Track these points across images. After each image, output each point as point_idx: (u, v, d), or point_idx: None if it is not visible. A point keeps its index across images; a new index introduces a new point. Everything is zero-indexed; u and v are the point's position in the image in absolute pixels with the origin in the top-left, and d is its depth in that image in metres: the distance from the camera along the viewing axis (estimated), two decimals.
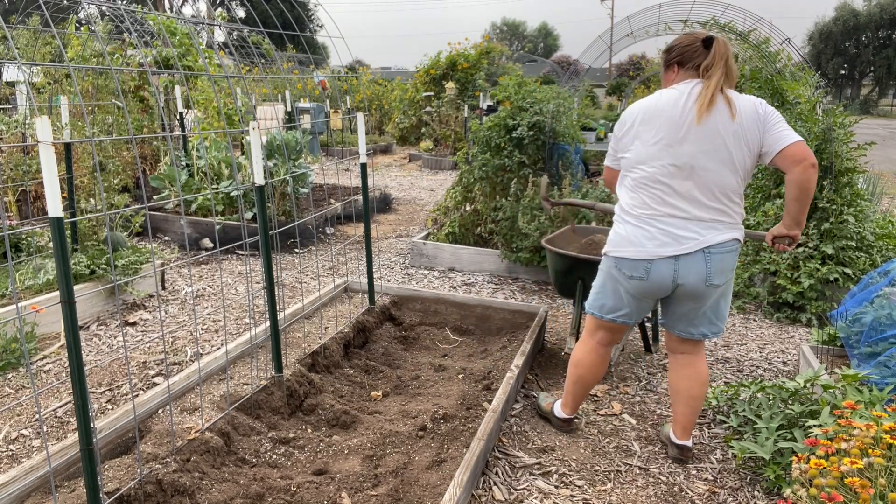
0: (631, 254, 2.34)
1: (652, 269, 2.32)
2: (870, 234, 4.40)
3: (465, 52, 14.33)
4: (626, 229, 2.37)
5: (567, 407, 2.79)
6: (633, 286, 2.39)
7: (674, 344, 2.60)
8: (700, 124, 2.22)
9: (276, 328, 2.75)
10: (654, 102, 2.33)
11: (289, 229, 5.56)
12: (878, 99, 48.29)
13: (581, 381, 2.68)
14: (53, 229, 1.63)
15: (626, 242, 2.36)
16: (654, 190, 2.30)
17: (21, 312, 3.35)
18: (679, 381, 2.58)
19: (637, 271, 2.35)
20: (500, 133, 5.12)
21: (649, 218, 2.31)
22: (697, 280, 2.31)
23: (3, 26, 1.74)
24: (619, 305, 2.48)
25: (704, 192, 2.26)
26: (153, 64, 8.02)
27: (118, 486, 2.04)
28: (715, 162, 2.24)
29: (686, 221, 2.28)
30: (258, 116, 6.93)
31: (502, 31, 68.38)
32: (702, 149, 2.23)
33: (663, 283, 2.34)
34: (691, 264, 2.29)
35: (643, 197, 2.33)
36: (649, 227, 2.31)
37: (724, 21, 7.72)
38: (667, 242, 2.28)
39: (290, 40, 23.56)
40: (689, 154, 2.23)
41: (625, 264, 2.37)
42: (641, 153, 2.32)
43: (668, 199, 2.28)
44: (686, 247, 2.27)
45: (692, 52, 2.34)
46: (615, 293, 2.47)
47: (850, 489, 1.61)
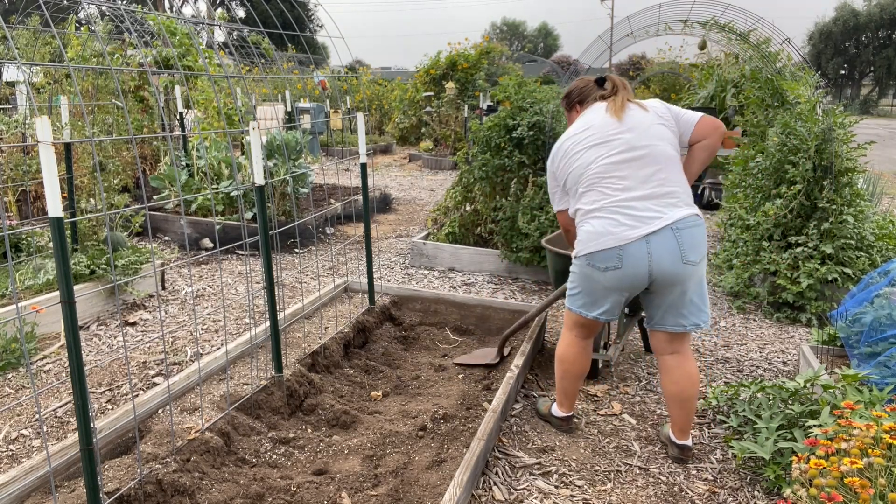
0: (602, 244, 2.38)
1: (625, 255, 2.35)
2: (870, 234, 4.40)
3: (465, 52, 14.33)
4: (591, 224, 2.43)
5: (563, 405, 2.80)
6: (609, 278, 2.41)
7: (662, 345, 2.58)
8: (622, 120, 2.47)
9: (276, 328, 2.75)
10: (573, 128, 2.59)
11: (289, 229, 5.56)
12: (878, 99, 48.27)
13: (567, 376, 2.71)
14: (53, 229, 1.63)
15: (595, 236, 2.40)
16: (606, 181, 2.41)
17: (21, 312, 3.35)
18: (671, 385, 2.57)
19: (611, 261, 2.38)
20: (500, 133, 5.12)
21: (610, 207, 2.39)
22: (673, 259, 2.34)
23: (3, 26, 1.74)
24: (598, 303, 2.51)
25: (651, 169, 2.40)
26: (153, 64, 8.02)
27: (118, 486, 2.04)
28: (651, 138, 2.44)
29: (645, 201, 2.37)
30: (258, 116, 6.93)
31: (502, 31, 68.38)
32: (634, 133, 2.45)
33: (638, 270, 2.36)
34: (663, 242, 2.34)
35: (598, 192, 2.43)
36: (612, 216, 2.38)
37: (724, 21, 7.72)
38: (634, 225, 2.34)
39: (290, 40, 23.56)
40: (626, 139, 2.44)
41: (597, 258, 2.40)
42: (582, 161, 2.48)
43: (622, 182, 2.40)
44: (652, 225, 2.33)
45: (588, 90, 2.67)
46: (592, 292, 2.50)
47: (850, 489, 1.61)
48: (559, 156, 2.58)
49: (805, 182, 4.40)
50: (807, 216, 4.46)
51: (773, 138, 4.89)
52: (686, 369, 2.55)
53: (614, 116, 2.48)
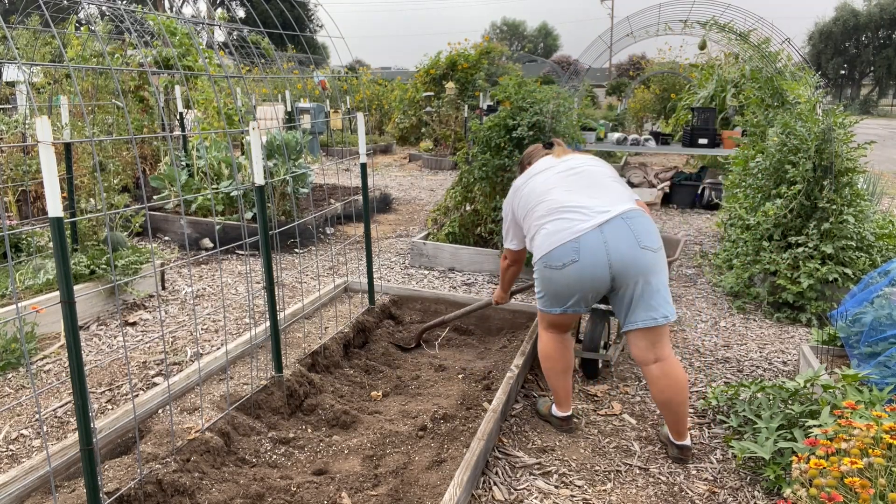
0: (556, 241, 2.46)
1: (581, 247, 2.42)
2: (870, 234, 4.40)
3: (465, 52, 14.32)
4: (546, 228, 2.55)
5: (559, 404, 2.81)
6: (568, 275, 2.45)
7: (643, 352, 2.55)
8: (562, 158, 2.82)
9: (276, 328, 2.75)
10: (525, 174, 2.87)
11: (289, 229, 5.56)
12: (878, 99, 48.28)
13: (553, 372, 2.74)
14: (53, 229, 1.63)
15: (549, 235, 2.50)
16: (554, 192, 2.61)
17: (21, 312, 3.35)
18: (659, 395, 2.55)
19: (567, 255, 2.44)
20: (500, 133, 5.11)
21: (560, 209, 2.54)
22: (629, 245, 2.42)
23: (3, 26, 1.74)
24: (564, 298, 2.56)
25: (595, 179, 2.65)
26: (153, 64, 8.02)
27: (118, 486, 2.04)
28: (591, 167, 2.73)
29: (592, 199, 2.54)
30: (258, 116, 6.93)
31: (502, 31, 68.36)
32: (575, 162, 2.75)
33: (598, 260, 2.41)
34: (616, 230, 2.43)
35: (548, 202, 2.60)
36: (564, 215, 2.51)
37: (724, 21, 7.73)
38: (586, 218, 2.47)
39: (290, 40, 23.56)
40: (568, 164, 2.74)
41: (554, 256, 2.47)
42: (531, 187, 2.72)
43: (568, 190, 2.60)
44: (604, 216, 2.45)
45: (536, 152, 3.02)
46: (556, 289, 2.55)
47: (850, 489, 1.61)
48: (511, 194, 2.85)
49: (805, 182, 4.40)
50: (807, 216, 4.46)
51: (773, 138, 4.89)
52: (672, 377, 2.52)
53: (556, 158, 2.84)
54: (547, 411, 2.90)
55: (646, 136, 9.06)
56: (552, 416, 2.86)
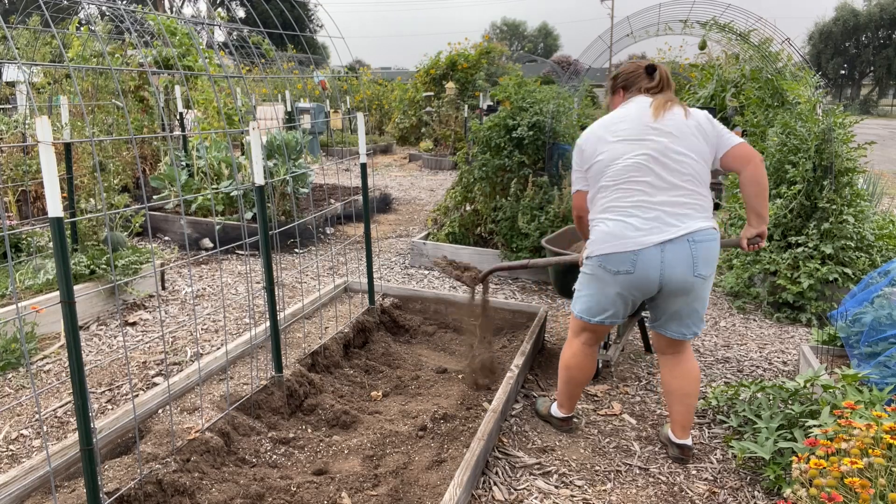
0: (617, 247, 2.34)
1: (639, 260, 2.31)
2: (870, 234, 4.40)
3: (465, 52, 14.33)
4: (608, 226, 2.37)
5: (563, 406, 2.80)
6: (620, 282, 2.38)
7: (663, 345, 2.61)
8: (658, 120, 2.38)
9: (276, 328, 2.75)
10: (610, 116, 2.51)
11: (289, 229, 5.56)
12: (878, 99, 48.29)
13: (573, 381, 2.70)
14: (53, 229, 1.63)
15: (610, 238, 2.35)
16: (629, 182, 2.36)
17: (21, 312, 3.35)
18: (672, 381, 2.59)
19: (624, 265, 2.34)
20: (500, 133, 5.12)
21: (628, 209, 2.34)
22: (685, 270, 2.31)
23: (3, 26, 1.74)
24: (606, 307, 2.47)
25: (677, 178, 2.34)
26: (153, 64, 8.02)
27: (118, 486, 2.04)
28: (684, 147, 2.36)
29: (665, 207, 2.32)
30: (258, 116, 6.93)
31: (502, 31, 68.37)
32: (669, 138, 2.36)
33: (650, 276, 2.33)
34: (677, 252, 2.30)
35: (620, 191, 2.37)
36: (630, 219, 2.33)
37: (724, 21, 7.72)
38: (651, 230, 2.30)
39: (290, 40, 23.55)
40: (659, 143, 2.35)
41: (611, 260, 2.36)
42: (611, 153, 2.40)
43: (645, 186, 2.34)
44: (669, 233, 2.29)
45: (636, 77, 2.55)
46: (602, 295, 2.46)
47: (850, 489, 1.61)
48: (591, 140, 2.48)
49: (805, 182, 4.40)
50: (807, 216, 4.46)
51: (774, 138, 4.89)
52: (687, 366, 2.57)
53: (654, 114, 2.39)
54: (547, 412, 2.90)
55: None
56: (552, 417, 2.85)
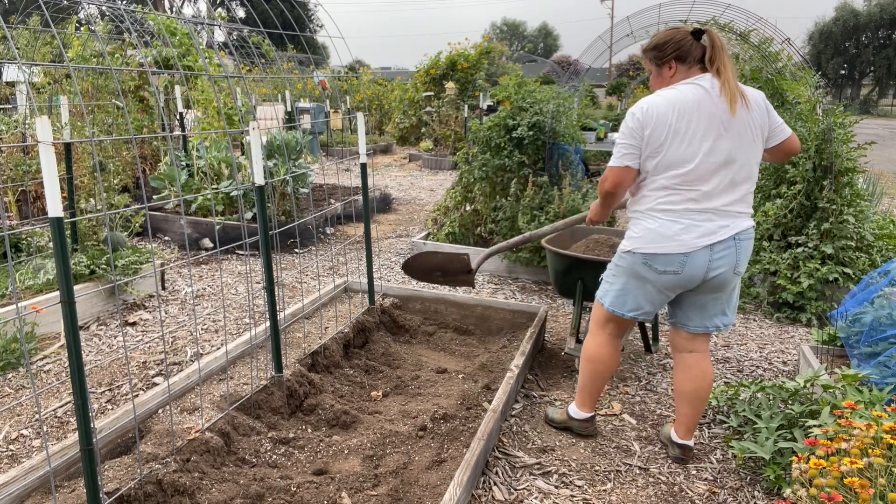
0: (667, 248, 2.28)
1: (688, 262, 2.28)
2: (870, 235, 4.40)
3: (465, 52, 14.33)
4: (659, 224, 2.30)
5: (585, 405, 2.72)
6: (664, 281, 2.34)
7: (682, 342, 2.57)
8: (733, 117, 2.24)
9: (276, 328, 2.75)
10: (683, 98, 2.25)
11: (289, 229, 5.56)
12: (878, 99, 48.29)
13: (598, 376, 2.63)
14: (53, 229, 1.63)
15: (660, 238, 2.29)
16: (692, 185, 2.26)
17: (21, 312, 3.35)
18: (686, 383, 2.56)
19: (671, 266, 2.30)
20: (500, 133, 5.12)
21: (684, 211, 2.28)
22: (728, 268, 2.32)
23: (3, 26, 1.74)
24: (642, 304, 2.44)
25: (735, 183, 2.29)
26: (153, 64, 8.02)
27: (118, 486, 2.04)
28: (745, 154, 2.29)
29: (718, 213, 2.29)
30: (258, 116, 6.93)
31: (502, 31, 68.39)
32: (736, 143, 2.26)
33: (696, 276, 2.31)
34: (724, 252, 2.29)
35: (678, 194, 2.28)
36: (684, 220, 2.27)
37: (724, 21, 7.72)
38: (704, 233, 2.27)
39: (290, 40, 23.56)
40: (727, 149, 2.25)
41: (658, 260, 2.31)
42: (682, 153, 2.25)
43: (706, 190, 2.26)
44: (720, 234, 2.27)
45: (688, 46, 2.31)
46: (640, 291, 2.41)
47: (850, 489, 1.61)
48: (660, 124, 2.24)
49: (805, 182, 4.40)
50: (807, 216, 4.46)
51: None
52: (703, 368, 2.54)
53: (730, 109, 2.23)
54: (564, 417, 2.79)
55: None
56: (573, 419, 2.76)
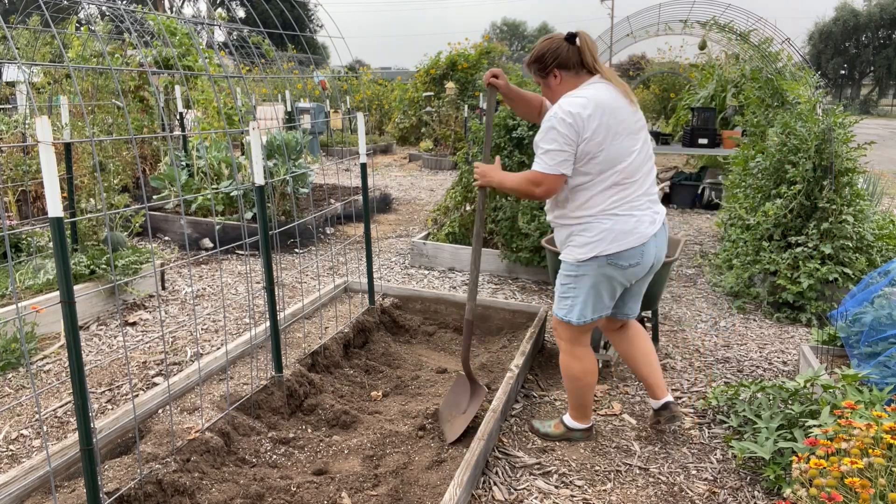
0: (629, 243, 2.36)
1: (645, 251, 2.40)
2: (869, 235, 4.40)
3: (465, 52, 14.32)
4: (614, 222, 2.34)
5: (584, 417, 2.72)
6: (628, 274, 2.44)
7: (614, 327, 2.77)
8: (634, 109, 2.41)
9: (276, 328, 2.75)
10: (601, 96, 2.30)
11: (289, 229, 5.56)
12: (878, 99, 48.27)
13: (587, 388, 2.62)
14: (53, 229, 1.63)
15: (621, 234, 2.35)
16: (633, 178, 2.37)
17: (21, 312, 3.35)
18: (632, 349, 2.74)
19: (635, 258, 2.39)
20: (500, 133, 5.11)
21: (632, 203, 2.38)
22: (664, 252, 2.54)
23: (3, 26, 1.74)
24: (607, 302, 2.50)
25: (651, 169, 2.49)
26: (153, 64, 8.02)
27: (118, 486, 2.04)
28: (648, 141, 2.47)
29: (650, 197, 2.46)
30: (258, 116, 6.93)
31: (502, 31, 68.37)
32: (643, 132, 2.44)
33: (649, 263, 2.47)
34: (662, 237, 2.49)
35: (627, 189, 2.36)
36: (636, 212, 2.38)
37: (724, 21, 7.72)
38: (650, 221, 2.41)
39: (290, 40, 23.55)
40: (643, 138, 2.43)
41: (623, 256, 2.38)
42: (620, 148, 2.31)
43: (641, 182, 2.40)
44: (657, 221, 2.44)
45: (565, 51, 2.37)
46: (607, 290, 2.45)
47: (850, 489, 1.61)
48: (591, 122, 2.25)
49: (805, 182, 4.40)
50: (807, 216, 4.46)
51: (773, 138, 4.89)
52: (637, 329, 2.76)
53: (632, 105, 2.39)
54: (560, 430, 2.74)
55: None
56: (573, 431, 2.73)
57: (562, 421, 2.75)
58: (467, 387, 2.79)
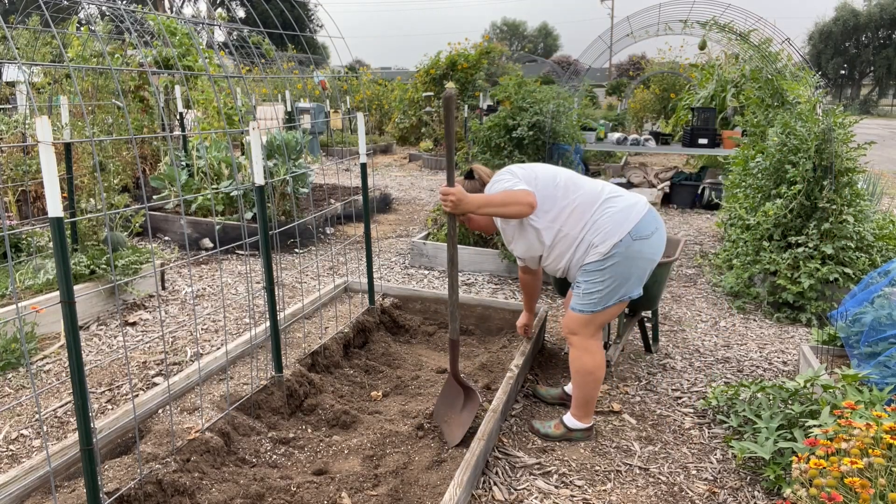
0: (638, 212, 2.52)
1: (655, 218, 2.59)
2: (869, 235, 4.40)
3: (465, 52, 14.31)
4: (613, 205, 2.55)
5: (589, 416, 2.74)
6: (654, 244, 2.55)
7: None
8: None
9: (276, 328, 2.75)
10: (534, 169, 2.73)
11: (289, 229, 5.56)
12: (878, 99, 48.28)
13: (598, 384, 2.67)
14: (53, 229, 1.63)
15: (624, 212, 2.52)
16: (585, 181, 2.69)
17: (21, 312, 3.35)
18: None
19: (651, 224, 2.54)
20: (500, 133, 5.12)
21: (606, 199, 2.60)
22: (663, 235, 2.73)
23: (3, 26, 1.74)
24: (634, 288, 2.57)
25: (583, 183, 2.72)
26: (153, 64, 8.02)
27: (118, 486, 2.04)
28: None
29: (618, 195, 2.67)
30: (258, 116, 6.93)
31: (502, 31, 68.36)
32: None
33: (664, 231, 2.65)
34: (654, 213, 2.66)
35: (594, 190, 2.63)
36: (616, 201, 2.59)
37: (724, 21, 7.72)
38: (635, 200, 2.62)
39: (290, 40, 23.56)
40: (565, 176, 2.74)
41: (641, 226, 2.50)
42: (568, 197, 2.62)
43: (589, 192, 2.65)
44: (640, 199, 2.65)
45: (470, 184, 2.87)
46: (637, 274, 2.54)
47: (850, 489, 1.61)
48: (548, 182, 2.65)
49: (805, 182, 4.40)
50: (807, 216, 4.46)
51: (773, 138, 4.89)
52: None
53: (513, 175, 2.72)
54: (561, 430, 2.74)
55: (646, 136, 9.06)
56: (576, 431, 2.73)
57: (562, 421, 2.76)
58: (459, 390, 2.77)
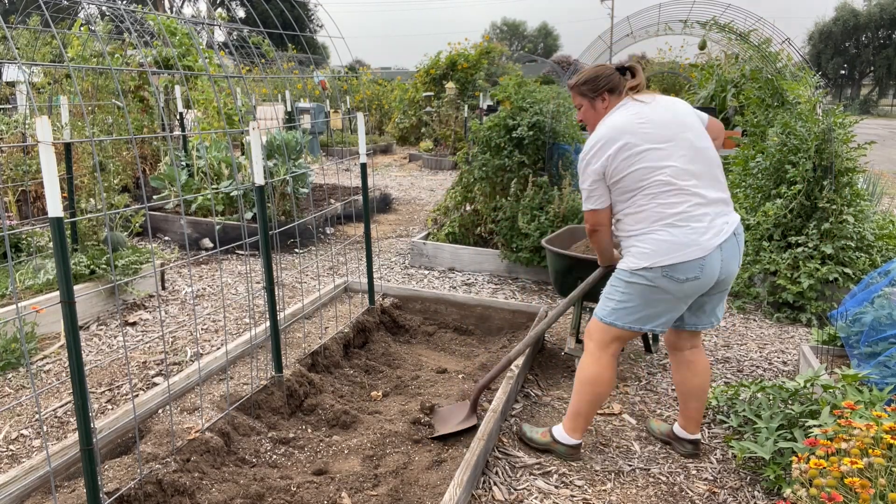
0: (687, 256, 2.24)
1: (706, 265, 2.26)
2: (870, 234, 4.40)
3: (465, 52, 14.33)
4: (669, 234, 2.26)
5: (578, 431, 2.57)
6: (686, 289, 2.29)
7: (682, 341, 2.57)
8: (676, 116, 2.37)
9: (276, 328, 2.75)
10: (623, 118, 2.37)
11: (289, 229, 5.56)
12: (878, 99, 48.27)
13: (598, 399, 2.50)
14: (53, 229, 1.63)
15: (677, 247, 2.24)
16: (678, 187, 2.28)
17: (21, 312, 3.35)
18: (692, 378, 2.58)
19: (693, 272, 2.26)
20: (500, 133, 5.12)
21: (688, 213, 2.26)
22: (736, 264, 2.36)
23: (3, 26, 1.74)
24: (661, 314, 2.36)
25: (713, 168, 2.36)
26: (153, 64, 8.02)
27: (118, 486, 2.04)
28: (705, 139, 2.38)
29: (714, 206, 2.31)
30: (258, 116, 6.93)
31: (502, 31, 68.35)
32: (693, 132, 2.36)
33: (712, 278, 2.30)
34: (731, 249, 2.32)
35: (673, 198, 2.28)
36: (693, 223, 2.26)
37: (724, 21, 7.72)
38: (712, 233, 2.27)
39: (290, 40, 23.55)
40: (688, 140, 2.33)
41: (678, 269, 2.25)
42: (650, 160, 2.28)
43: (694, 188, 2.28)
44: (724, 232, 2.29)
45: (617, 79, 2.48)
46: (658, 305, 2.34)
47: (850, 489, 1.61)
48: (614, 149, 2.30)
49: (805, 182, 4.40)
50: (807, 216, 4.46)
51: (773, 138, 4.89)
52: (704, 361, 2.61)
53: (668, 112, 2.37)
54: (547, 439, 2.64)
55: None
56: (559, 444, 2.60)
57: (550, 431, 2.64)
58: (468, 410, 2.76)
